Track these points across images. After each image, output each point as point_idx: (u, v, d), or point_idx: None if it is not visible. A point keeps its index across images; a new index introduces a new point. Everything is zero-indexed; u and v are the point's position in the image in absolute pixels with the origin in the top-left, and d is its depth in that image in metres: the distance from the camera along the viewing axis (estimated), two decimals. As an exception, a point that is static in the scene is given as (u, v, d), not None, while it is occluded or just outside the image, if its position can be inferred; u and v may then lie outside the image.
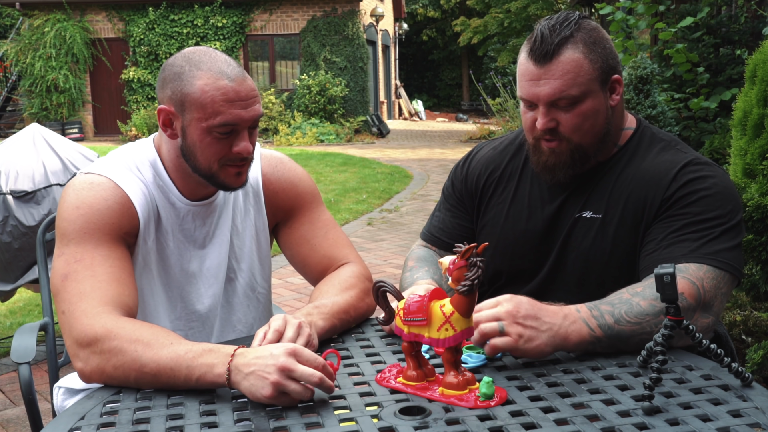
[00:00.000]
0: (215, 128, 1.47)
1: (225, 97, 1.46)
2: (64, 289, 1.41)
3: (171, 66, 1.52)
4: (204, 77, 1.47)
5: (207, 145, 1.50)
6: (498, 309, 1.34)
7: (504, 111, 14.56)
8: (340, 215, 7.89)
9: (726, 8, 5.31)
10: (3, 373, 3.81)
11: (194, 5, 18.02)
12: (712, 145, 3.99)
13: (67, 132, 17.10)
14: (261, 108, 1.53)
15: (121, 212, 1.50)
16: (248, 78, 1.51)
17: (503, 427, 1.10)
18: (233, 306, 1.73)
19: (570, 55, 1.53)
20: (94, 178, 1.52)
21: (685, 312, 1.38)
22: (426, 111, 26.30)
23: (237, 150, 1.50)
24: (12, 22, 22.22)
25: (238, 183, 1.56)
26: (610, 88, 1.60)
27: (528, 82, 1.57)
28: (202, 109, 1.47)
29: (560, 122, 1.57)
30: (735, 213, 1.53)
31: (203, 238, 1.65)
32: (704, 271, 1.44)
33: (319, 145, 16.28)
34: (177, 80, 1.49)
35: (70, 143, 3.73)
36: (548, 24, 1.56)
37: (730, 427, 1.08)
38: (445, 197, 1.90)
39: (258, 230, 1.73)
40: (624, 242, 1.60)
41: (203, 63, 1.48)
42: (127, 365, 1.31)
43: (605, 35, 1.59)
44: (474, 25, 23.13)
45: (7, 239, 3.40)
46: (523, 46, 1.61)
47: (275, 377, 1.19)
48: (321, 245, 1.72)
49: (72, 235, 1.46)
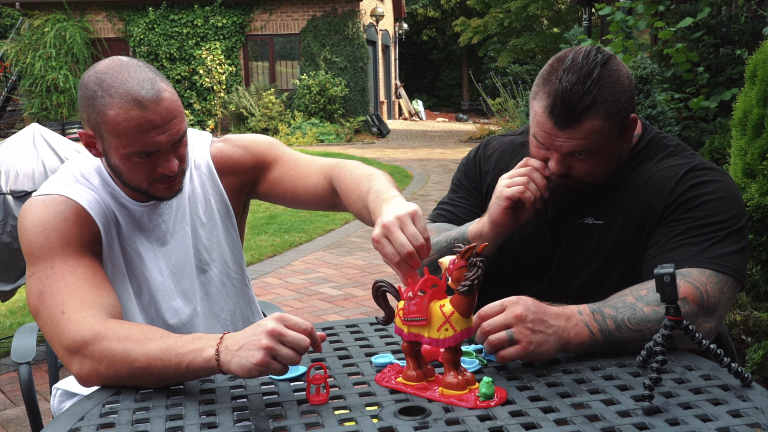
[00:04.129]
0: (133, 155, 1.46)
1: (138, 127, 1.42)
2: (43, 305, 1.41)
3: (84, 87, 1.46)
4: (115, 106, 1.41)
5: (130, 169, 1.49)
6: (506, 315, 1.31)
7: (504, 111, 14.56)
8: (340, 215, 7.89)
9: (726, 8, 5.31)
10: (3, 373, 3.81)
11: (194, 5, 18.02)
12: (712, 145, 3.99)
13: (67, 132, 17.08)
14: (183, 124, 1.48)
15: (80, 222, 1.49)
16: (165, 97, 1.44)
17: (503, 427, 1.10)
18: (212, 297, 1.73)
19: (591, 121, 1.48)
20: (44, 197, 1.52)
21: (688, 317, 1.37)
22: (426, 111, 26.30)
23: (161, 171, 1.49)
24: (12, 22, 22.23)
25: (170, 194, 1.56)
26: (626, 128, 1.57)
27: (544, 133, 1.52)
28: (117, 138, 1.44)
29: (573, 167, 1.55)
30: (738, 218, 1.52)
31: (164, 236, 1.64)
32: (707, 276, 1.43)
33: (319, 145, 16.28)
34: (90, 106, 1.45)
35: (70, 143, 3.73)
36: (570, 81, 1.46)
37: (729, 427, 1.08)
38: (455, 188, 1.87)
39: (223, 216, 1.73)
40: (626, 248, 1.59)
41: (114, 87, 1.42)
42: (118, 363, 1.31)
43: (625, 74, 1.51)
44: (474, 25, 23.12)
45: (7, 239, 3.40)
46: (540, 89, 1.52)
47: (266, 342, 1.20)
48: (296, 172, 1.73)
49: (37, 253, 1.45)
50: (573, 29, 11.19)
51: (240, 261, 1.79)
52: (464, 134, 17.93)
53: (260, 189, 1.77)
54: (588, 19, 10.64)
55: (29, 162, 3.49)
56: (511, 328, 1.30)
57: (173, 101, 1.46)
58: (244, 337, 1.24)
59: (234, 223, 1.75)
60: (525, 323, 1.30)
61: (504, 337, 1.29)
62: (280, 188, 1.75)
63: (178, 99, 1.49)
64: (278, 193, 1.76)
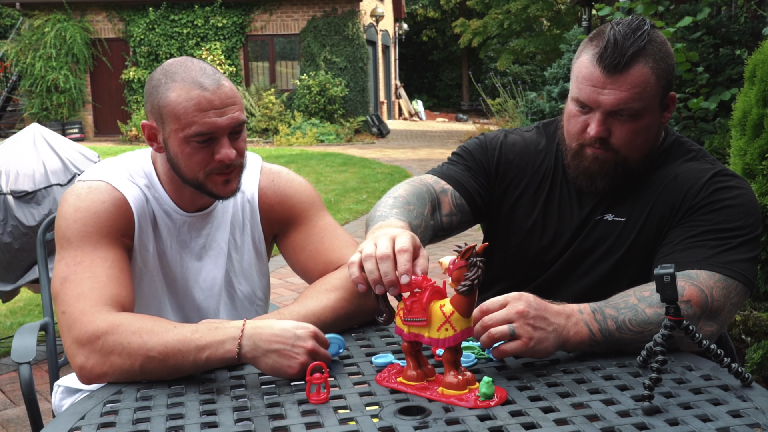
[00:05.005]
0: (192, 138, 1.48)
1: (198, 106, 1.46)
2: (63, 291, 1.42)
3: (151, 80, 1.53)
4: (177, 88, 1.48)
5: (188, 156, 1.50)
6: (509, 310, 1.30)
7: (504, 111, 14.55)
8: (340, 215, 7.89)
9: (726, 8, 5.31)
10: (3, 373, 3.81)
11: (194, 5, 18.02)
12: (711, 145, 3.99)
13: (67, 132, 17.11)
14: (241, 114, 1.52)
15: (118, 213, 1.52)
16: (225, 85, 1.50)
17: (503, 427, 1.10)
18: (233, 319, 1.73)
19: (641, 69, 1.48)
20: (91, 183, 1.54)
21: (690, 319, 1.36)
22: (426, 111, 26.30)
23: (218, 158, 1.50)
24: (12, 22, 22.22)
25: (226, 191, 1.56)
26: (665, 106, 1.57)
27: (590, 87, 1.51)
28: (177, 120, 1.48)
29: (613, 133, 1.54)
30: (755, 226, 1.52)
31: (200, 250, 1.66)
32: (715, 280, 1.42)
33: (319, 145, 16.28)
34: (155, 93, 1.51)
35: (71, 143, 3.73)
36: (621, 30, 1.49)
37: (729, 427, 1.08)
38: (464, 157, 1.77)
39: (256, 244, 1.73)
40: (645, 247, 1.59)
41: (177, 74, 1.49)
42: (133, 353, 1.32)
43: (671, 50, 1.54)
44: (473, 26, 23.11)
45: (7, 239, 3.40)
46: (586, 46, 1.54)
47: (304, 358, 1.29)
48: (317, 251, 1.68)
49: (71, 238, 1.47)
50: (573, 30, 11.18)
51: (266, 288, 1.81)
52: (464, 134, 17.92)
53: (280, 242, 1.75)
54: (588, 19, 10.63)
55: (29, 162, 3.49)
56: (512, 324, 1.30)
57: (233, 90, 1.52)
58: (276, 338, 1.30)
59: (264, 253, 1.76)
60: (526, 319, 1.29)
61: (506, 331, 1.29)
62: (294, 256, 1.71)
63: (238, 93, 1.54)
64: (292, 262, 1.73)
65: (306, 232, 1.70)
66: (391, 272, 1.25)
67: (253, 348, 1.29)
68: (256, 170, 1.72)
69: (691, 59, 4.34)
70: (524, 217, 1.72)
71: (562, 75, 9.20)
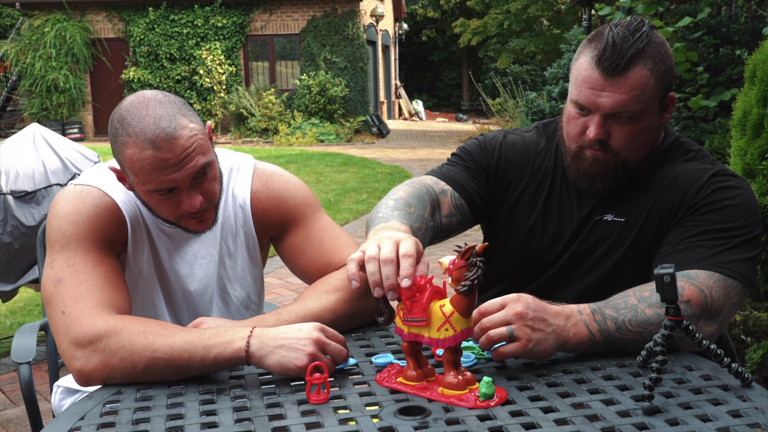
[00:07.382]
0: (153, 192, 1.46)
1: (152, 167, 1.42)
2: (57, 293, 1.41)
3: (110, 125, 1.48)
4: (131, 145, 1.42)
5: (156, 204, 1.50)
6: (507, 312, 1.30)
7: (504, 111, 14.56)
8: (340, 215, 7.89)
9: (726, 8, 5.31)
10: (3, 373, 3.81)
11: (194, 5, 18.02)
12: (711, 145, 3.99)
13: (67, 132, 17.11)
14: (202, 157, 1.45)
15: (110, 219, 1.51)
16: (182, 135, 1.42)
17: (503, 427, 1.10)
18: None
19: (639, 71, 1.48)
20: (82, 188, 1.53)
21: (690, 319, 1.36)
22: (426, 111, 26.30)
23: (184, 207, 1.48)
24: (12, 22, 22.22)
25: (201, 228, 1.57)
26: (664, 106, 1.57)
27: (589, 89, 1.51)
28: (136, 176, 1.45)
29: (612, 135, 1.54)
30: (755, 226, 1.52)
31: (191, 257, 1.64)
32: (715, 280, 1.42)
33: (319, 145, 16.28)
34: (114, 143, 1.47)
35: (71, 143, 3.73)
36: (619, 32, 1.48)
37: (729, 427, 1.08)
38: (463, 158, 1.77)
39: (251, 250, 1.71)
40: (645, 247, 1.59)
41: (131, 126, 1.42)
42: (137, 354, 1.31)
43: (670, 51, 1.54)
44: (473, 26, 23.11)
45: (7, 239, 3.40)
46: (585, 47, 1.54)
47: (311, 349, 1.28)
48: (317, 253, 1.66)
49: (63, 241, 1.46)
50: (573, 29, 11.18)
51: (260, 293, 1.79)
52: (464, 134, 17.92)
53: (277, 245, 1.73)
54: (588, 19, 10.62)
55: (29, 162, 3.49)
56: (511, 325, 1.29)
57: (191, 137, 1.44)
58: (282, 336, 1.29)
59: (258, 257, 1.74)
60: (525, 321, 1.29)
61: (504, 333, 1.29)
62: (293, 259, 1.69)
63: (200, 134, 1.46)
64: (292, 265, 1.71)
65: (304, 235, 1.67)
66: (392, 276, 1.24)
67: (261, 346, 1.29)
68: (248, 173, 1.68)
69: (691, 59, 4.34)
70: (524, 217, 1.72)
71: (562, 75, 9.20)
